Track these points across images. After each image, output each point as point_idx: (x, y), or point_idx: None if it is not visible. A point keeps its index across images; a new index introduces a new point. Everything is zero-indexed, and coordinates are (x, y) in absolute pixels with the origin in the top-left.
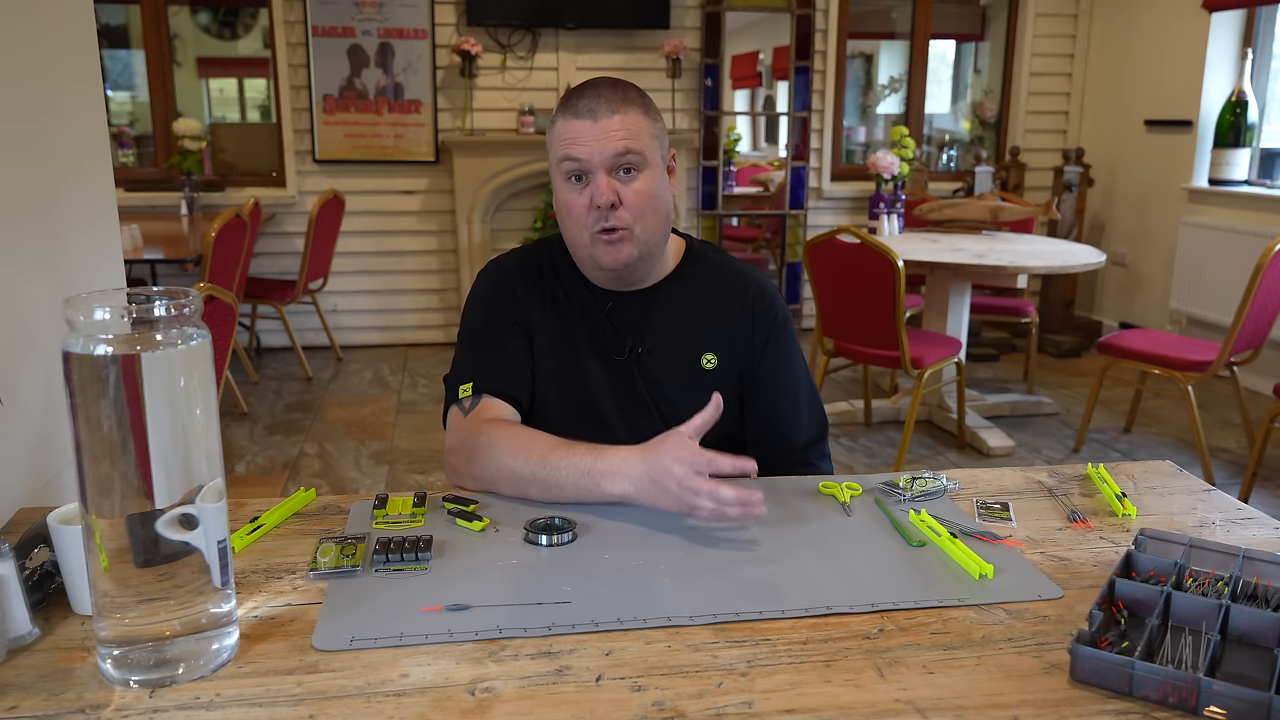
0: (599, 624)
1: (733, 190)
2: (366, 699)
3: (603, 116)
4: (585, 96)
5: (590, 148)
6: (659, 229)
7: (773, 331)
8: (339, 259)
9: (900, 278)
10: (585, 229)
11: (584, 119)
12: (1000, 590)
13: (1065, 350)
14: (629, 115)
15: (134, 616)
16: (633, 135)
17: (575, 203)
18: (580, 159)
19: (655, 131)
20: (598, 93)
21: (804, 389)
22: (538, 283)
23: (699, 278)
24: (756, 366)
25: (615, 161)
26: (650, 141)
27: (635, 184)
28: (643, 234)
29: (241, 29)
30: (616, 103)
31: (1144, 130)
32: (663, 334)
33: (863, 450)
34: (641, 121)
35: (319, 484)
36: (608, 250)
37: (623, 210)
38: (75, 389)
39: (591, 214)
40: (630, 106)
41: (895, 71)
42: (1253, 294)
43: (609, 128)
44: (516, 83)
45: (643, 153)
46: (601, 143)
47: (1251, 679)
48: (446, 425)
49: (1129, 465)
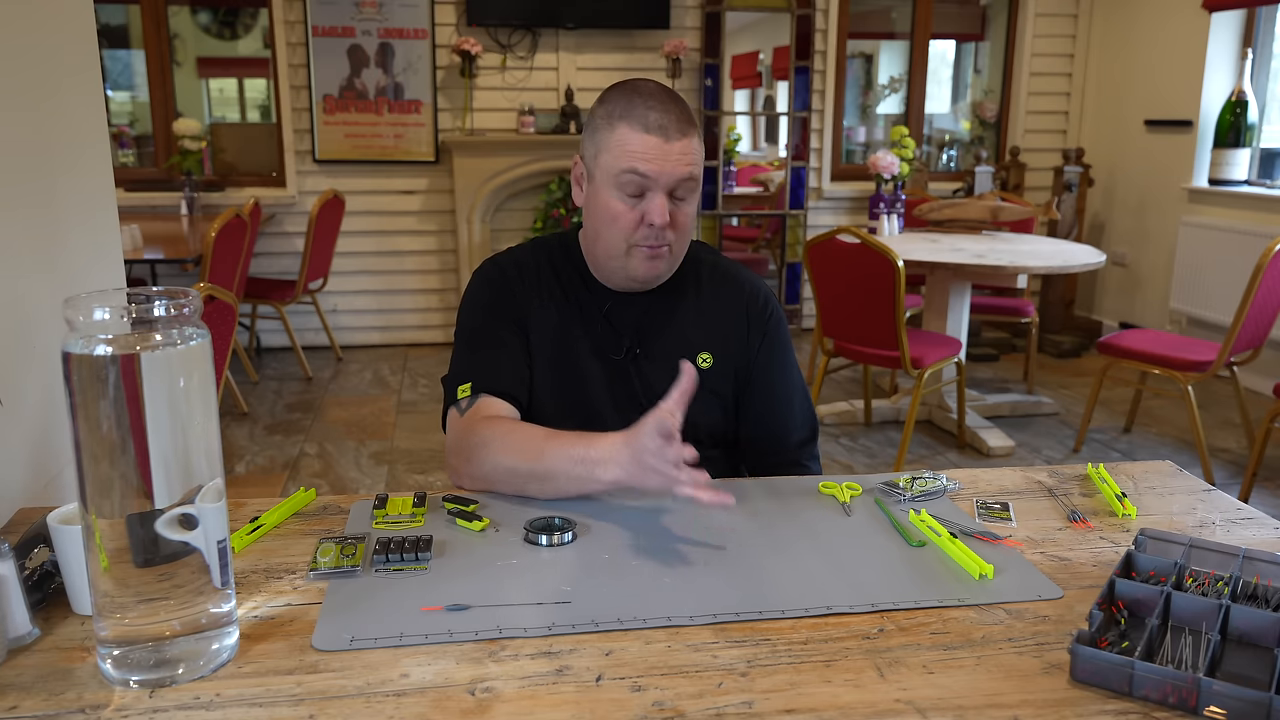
0: (599, 624)
1: (733, 190)
2: (366, 699)
3: (674, 138)
4: (655, 110)
5: (659, 167)
6: (688, 246)
7: (767, 333)
8: (339, 259)
9: (900, 278)
10: (626, 239)
11: (655, 135)
12: (1000, 590)
13: (1065, 350)
14: (694, 140)
15: (134, 616)
16: (697, 162)
17: (626, 215)
18: (648, 176)
19: (703, 155)
20: (666, 109)
21: (797, 390)
22: (535, 281)
23: (697, 279)
24: (751, 367)
25: (678, 185)
26: (701, 167)
27: (687, 206)
28: (679, 250)
29: (241, 29)
30: (686, 125)
31: (1144, 130)
32: (660, 335)
33: (863, 450)
34: (698, 146)
35: (319, 484)
36: (648, 265)
37: (671, 230)
38: (75, 389)
39: (641, 229)
40: (693, 129)
41: (895, 71)
42: (1253, 294)
43: (679, 150)
44: (516, 83)
45: (699, 180)
46: (672, 165)
47: (1251, 679)
48: (445, 428)
49: (1129, 465)
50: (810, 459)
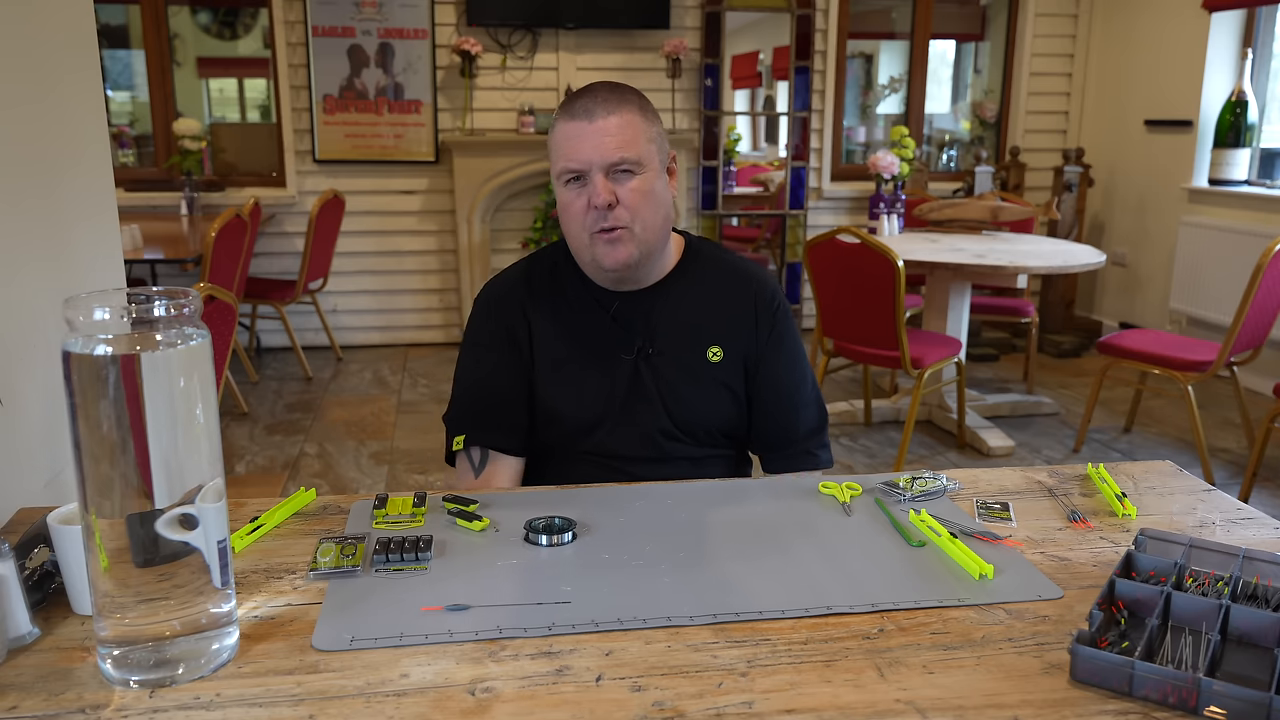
0: (599, 624)
1: (733, 190)
2: (366, 699)
3: (599, 117)
4: (583, 98)
5: (586, 153)
6: (659, 228)
7: (775, 323)
8: (339, 259)
9: (900, 278)
10: (585, 229)
11: (580, 120)
12: (1000, 590)
13: (1065, 350)
14: (625, 116)
15: (134, 616)
16: (629, 138)
17: (574, 204)
18: (576, 161)
19: (652, 134)
20: (594, 95)
21: (806, 379)
22: (543, 289)
23: (701, 272)
24: (760, 357)
25: (611, 165)
26: (646, 145)
27: (632, 183)
28: (642, 233)
29: (241, 29)
30: (613, 104)
31: (1144, 130)
32: (669, 331)
33: (863, 450)
34: (638, 123)
35: (319, 484)
36: (607, 251)
37: (620, 209)
38: (75, 389)
39: (590, 214)
40: (626, 107)
41: (895, 71)
42: (1253, 294)
43: (605, 129)
44: (516, 83)
45: (639, 159)
46: (598, 144)
47: (1251, 679)
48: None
49: (1129, 465)
50: (820, 447)
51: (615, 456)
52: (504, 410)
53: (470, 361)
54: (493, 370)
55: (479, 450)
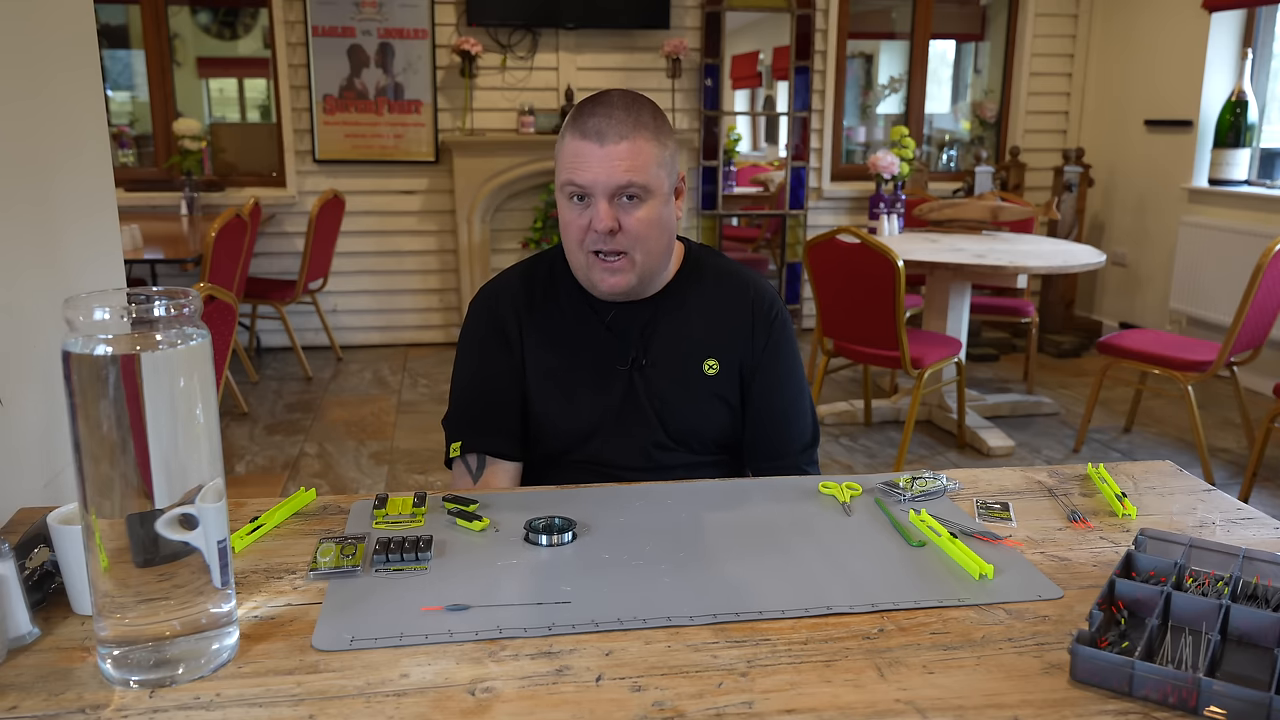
0: (599, 624)
1: (733, 190)
2: (366, 699)
3: (610, 142)
4: (596, 115)
5: (593, 174)
6: (660, 254)
7: (772, 332)
8: (339, 259)
9: (900, 278)
10: (583, 248)
11: (590, 141)
12: (1000, 590)
13: (1065, 350)
14: (637, 142)
15: (134, 616)
16: (638, 166)
17: (574, 221)
18: (582, 185)
19: (663, 159)
20: (609, 113)
21: (802, 393)
22: (539, 294)
23: (700, 283)
24: (756, 368)
25: (618, 188)
26: (656, 171)
27: (637, 212)
28: (643, 260)
29: (241, 29)
30: (627, 127)
31: (1144, 130)
32: (665, 343)
33: (863, 450)
34: (649, 149)
35: (319, 484)
36: (604, 276)
37: (621, 236)
38: (75, 389)
39: (589, 235)
40: (640, 132)
41: (895, 71)
42: (1253, 294)
43: (615, 155)
44: (516, 83)
45: (646, 185)
46: (606, 171)
47: (1251, 679)
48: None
49: (1129, 465)
50: (809, 464)
51: (610, 466)
52: (500, 415)
53: (466, 365)
54: (488, 374)
55: (476, 456)
